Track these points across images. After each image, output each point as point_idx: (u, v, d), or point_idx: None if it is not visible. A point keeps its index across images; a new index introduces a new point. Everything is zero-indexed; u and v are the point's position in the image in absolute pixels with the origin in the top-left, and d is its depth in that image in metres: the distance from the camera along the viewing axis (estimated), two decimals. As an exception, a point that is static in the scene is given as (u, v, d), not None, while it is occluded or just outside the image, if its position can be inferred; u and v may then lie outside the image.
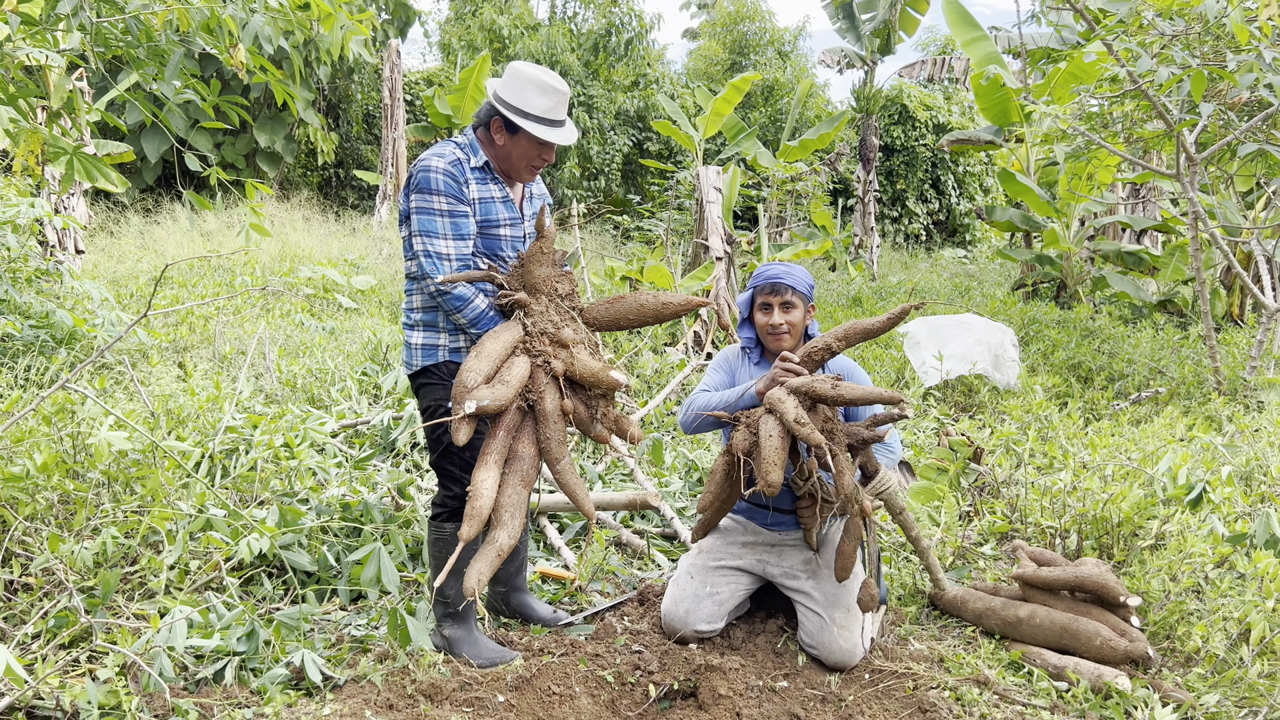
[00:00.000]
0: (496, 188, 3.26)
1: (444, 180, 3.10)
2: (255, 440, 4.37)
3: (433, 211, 3.10)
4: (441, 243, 3.11)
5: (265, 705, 2.81)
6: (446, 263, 3.10)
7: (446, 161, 3.13)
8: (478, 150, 3.24)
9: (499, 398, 2.85)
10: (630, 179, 21.62)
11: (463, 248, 3.15)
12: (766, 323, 3.49)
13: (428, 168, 3.11)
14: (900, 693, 3.17)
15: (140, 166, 15.64)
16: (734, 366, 3.65)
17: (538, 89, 3.15)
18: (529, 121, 3.14)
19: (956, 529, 4.35)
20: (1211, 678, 3.19)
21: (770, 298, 3.45)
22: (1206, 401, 6.89)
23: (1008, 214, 12.20)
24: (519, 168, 3.25)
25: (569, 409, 3.04)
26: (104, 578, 3.16)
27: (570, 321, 3.16)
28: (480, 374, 2.88)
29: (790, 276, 3.46)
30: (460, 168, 3.15)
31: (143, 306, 7.84)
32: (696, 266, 9.49)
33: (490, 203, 3.23)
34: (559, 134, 3.21)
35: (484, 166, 3.23)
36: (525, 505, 2.94)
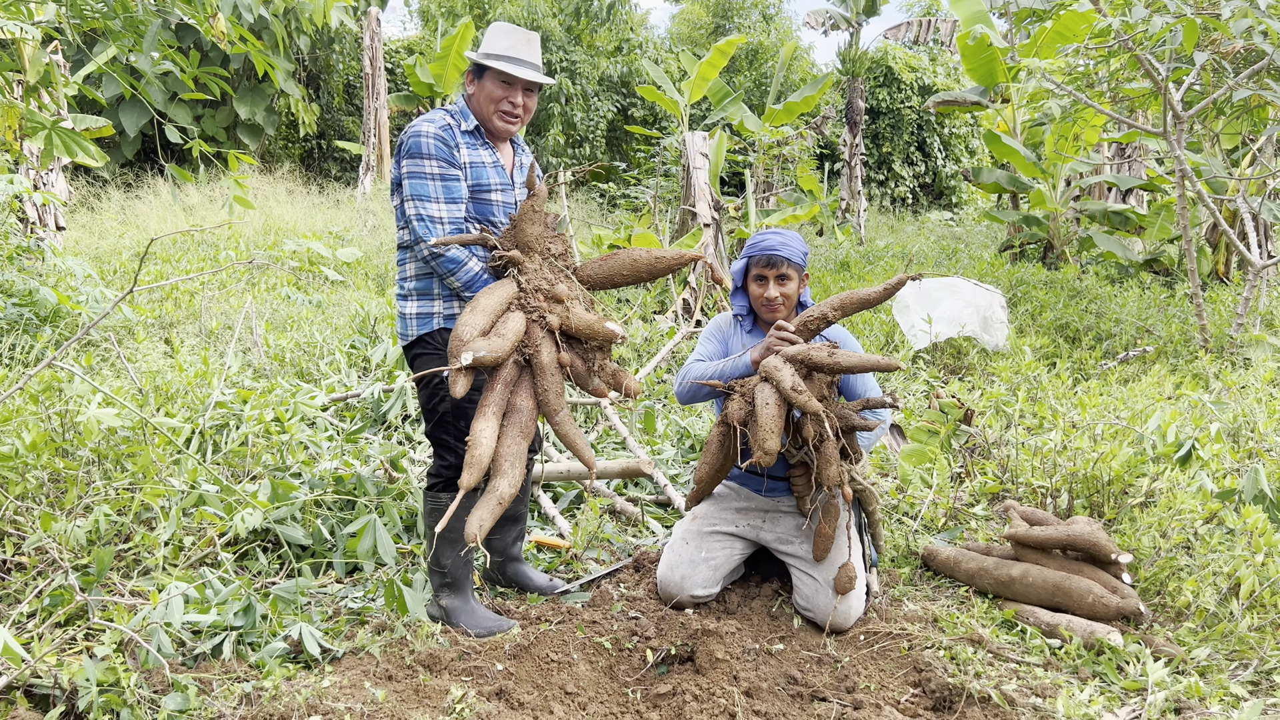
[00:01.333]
0: (487, 153, 3.24)
1: (435, 144, 3.09)
2: (245, 415, 4.35)
3: (424, 176, 3.08)
4: (434, 206, 3.09)
5: (264, 679, 2.81)
6: (439, 225, 3.09)
7: (437, 126, 3.12)
8: (468, 115, 3.24)
9: (495, 349, 2.84)
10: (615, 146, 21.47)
11: (455, 211, 3.13)
12: (761, 295, 3.46)
13: (418, 133, 3.10)
14: (896, 653, 3.20)
15: (119, 141, 15.45)
16: (727, 335, 3.63)
17: (501, 31, 3.20)
18: (490, 59, 3.15)
19: (948, 490, 4.38)
20: (1202, 632, 3.22)
21: (766, 270, 3.43)
22: (1193, 359, 6.93)
23: (994, 175, 12.18)
24: (489, 115, 3.22)
25: (565, 361, 3.04)
26: (98, 555, 3.15)
27: (564, 278, 3.15)
28: (476, 328, 2.87)
29: (786, 248, 3.42)
30: (451, 132, 3.14)
31: (126, 283, 7.77)
32: (684, 234, 9.46)
33: (481, 167, 3.21)
34: (522, 69, 3.18)
35: (475, 131, 3.22)
36: (524, 456, 2.93)
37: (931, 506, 4.22)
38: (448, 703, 2.79)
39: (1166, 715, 2.79)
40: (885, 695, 2.97)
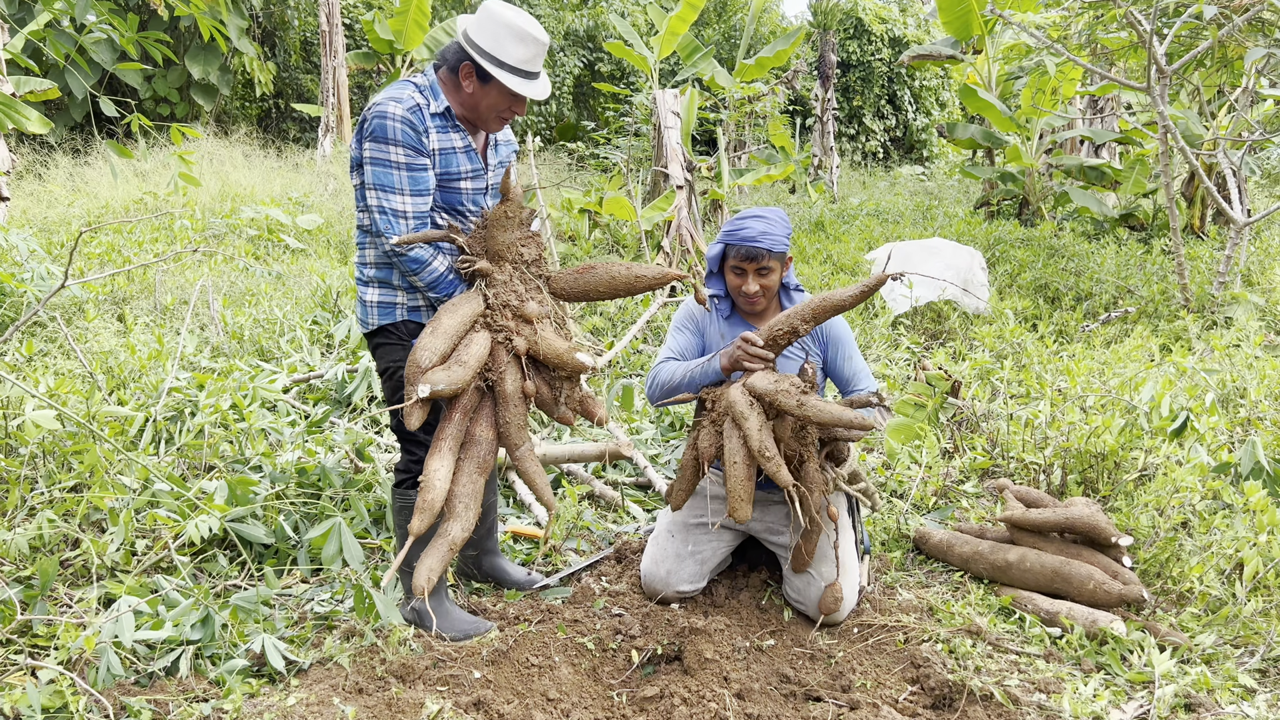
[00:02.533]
0: (458, 136, 2.96)
1: (402, 129, 2.80)
2: (201, 404, 4.11)
3: (389, 164, 2.81)
4: (398, 198, 2.83)
5: (225, 698, 2.63)
6: (403, 221, 2.83)
7: (405, 108, 2.82)
8: (439, 94, 2.92)
9: (454, 380, 2.63)
10: (582, 103, 21.05)
11: (421, 204, 2.87)
12: (739, 287, 3.21)
13: (383, 114, 2.80)
14: (891, 646, 3.07)
15: (67, 103, 14.88)
16: (701, 324, 3.39)
17: (516, 37, 2.83)
18: (504, 72, 2.84)
19: (938, 467, 4.24)
20: (1206, 616, 3.12)
21: (745, 263, 3.16)
22: (1175, 319, 6.84)
23: (969, 131, 11.99)
24: (487, 118, 2.95)
25: (531, 391, 2.83)
26: (42, 565, 2.94)
27: (536, 293, 2.92)
28: (436, 352, 2.66)
29: (769, 238, 3.12)
30: (419, 114, 2.84)
31: (75, 256, 7.43)
32: (656, 196, 9.22)
33: (451, 154, 2.93)
34: (534, 87, 2.92)
35: (445, 113, 2.92)
36: (480, 494, 2.75)
37: (921, 485, 4.08)
38: (423, 718, 2.62)
39: (1177, 711, 2.68)
40: (882, 693, 2.85)
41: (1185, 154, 6.99)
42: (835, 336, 3.32)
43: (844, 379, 3.35)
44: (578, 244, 8.84)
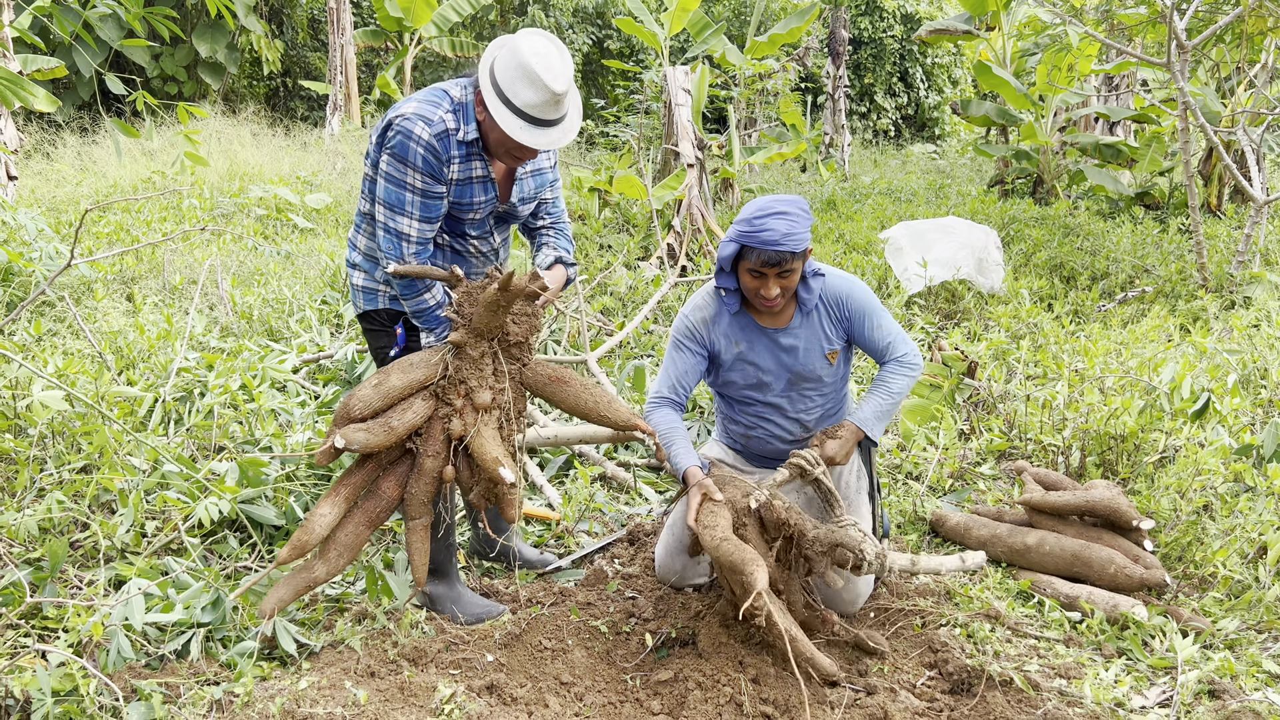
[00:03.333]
0: (479, 164, 2.80)
1: (424, 155, 2.67)
2: (211, 383, 4.08)
3: (403, 185, 2.69)
4: (405, 221, 2.73)
5: (236, 681, 2.60)
6: (406, 244, 2.75)
7: (432, 133, 2.66)
8: (470, 117, 2.74)
9: (371, 444, 2.58)
10: (592, 81, 20.89)
11: (427, 230, 2.77)
12: (757, 290, 2.89)
13: (409, 133, 2.65)
14: (909, 631, 3.03)
15: (75, 82, 14.81)
16: (706, 335, 3.07)
17: (527, 80, 2.59)
18: (507, 114, 2.63)
19: (955, 449, 4.19)
20: (1228, 601, 3.07)
21: (766, 269, 2.82)
22: (1193, 299, 6.76)
23: (983, 108, 11.84)
24: (496, 152, 2.78)
25: (449, 477, 2.73)
26: (51, 547, 2.91)
27: (498, 380, 2.75)
28: (369, 408, 2.61)
29: (792, 239, 2.75)
30: (446, 141, 2.69)
31: (84, 236, 7.40)
32: (667, 174, 9.13)
33: (469, 185, 2.81)
34: (542, 135, 2.67)
35: (473, 141, 2.76)
36: (359, 548, 2.70)
37: (938, 467, 4.03)
38: (435, 702, 2.59)
39: (1200, 698, 2.64)
40: (900, 678, 2.81)
41: (1204, 131, 6.88)
42: (858, 310, 3.04)
43: (878, 349, 3.07)
44: (587, 223, 8.77)
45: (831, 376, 3.12)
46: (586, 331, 5.33)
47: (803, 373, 3.06)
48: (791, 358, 3.04)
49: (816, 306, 3.02)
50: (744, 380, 3.11)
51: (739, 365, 3.08)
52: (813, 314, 3.02)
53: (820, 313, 3.03)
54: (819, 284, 3.01)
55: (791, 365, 3.05)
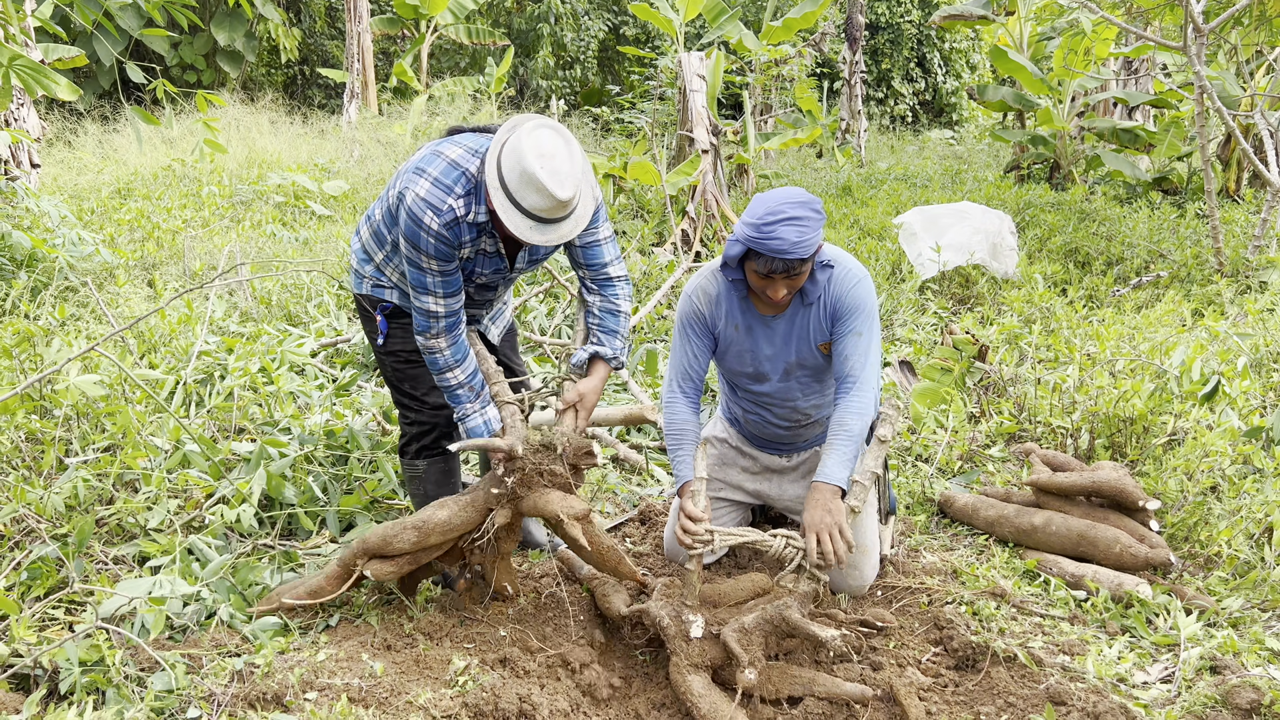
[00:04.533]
0: (489, 242, 2.85)
1: (435, 245, 2.70)
2: (231, 366, 4.16)
3: (422, 269, 2.75)
4: (432, 300, 2.80)
5: (256, 653, 2.68)
6: (435, 321, 2.82)
7: (441, 223, 2.66)
8: (483, 198, 2.72)
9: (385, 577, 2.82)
10: (607, 67, 20.90)
11: (454, 304, 2.83)
12: (764, 289, 2.83)
13: (418, 222, 2.66)
14: (915, 609, 3.08)
15: (95, 71, 14.95)
16: (711, 320, 3.04)
17: (533, 188, 2.55)
18: (515, 215, 2.61)
19: (965, 431, 4.22)
20: (1233, 580, 3.10)
21: (774, 274, 2.75)
22: (1208, 283, 6.74)
23: (1000, 93, 11.80)
24: (503, 229, 2.75)
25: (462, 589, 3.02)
26: (78, 524, 2.99)
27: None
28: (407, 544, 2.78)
29: (803, 246, 2.65)
30: (456, 229, 2.71)
31: (105, 223, 7.50)
32: (682, 160, 9.16)
33: (479, 258, 2.87)
34: (550, 233, 2.66)
35: (484, 222, 2.76)
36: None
37: (947, 449, 4.07)
38: (450, 674, 2.66)
39: (1202, 673, 2.67)
40: (906, 654, 2.86)
41: (1222, 115, 6.85)
42: (848, 308, 2.91)
43: (840, 358, 2.93)
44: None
45: (827, 370, 3.07)
46: (600, 316, 5.38)
47: (798, 361, 3.03)
48: (786, 346, 3.02)
49: (817, 300, 2.94)
50: (740, 366, 3.10)
51: (736, 349, 3.07)
52: (814, 306, 2.95)
53: (821, 305, 2.95)
54: (825, 276, 2.92)
55: (786, 354, 3.02)
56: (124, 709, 2.39)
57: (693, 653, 2.66)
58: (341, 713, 2.36)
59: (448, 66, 19.22)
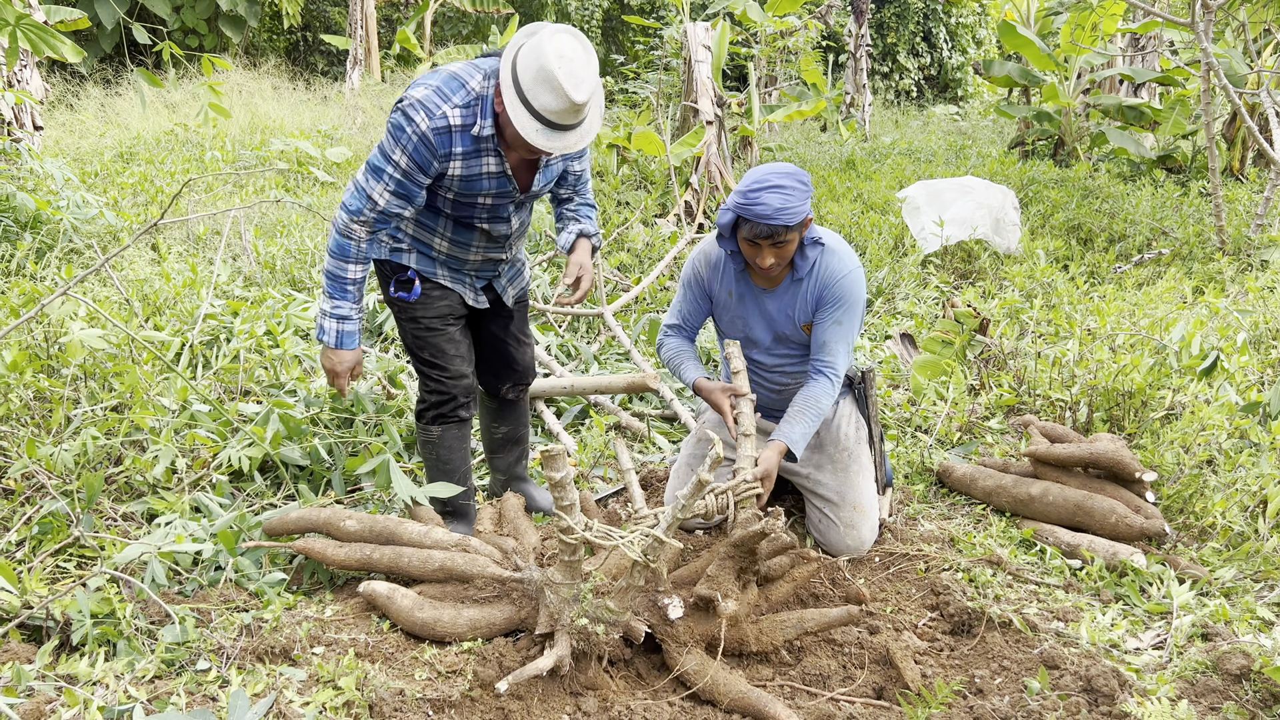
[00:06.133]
0: (494, 160, 2.77)
1: (416, 145, 2.65)
2: (236, 329, 4.18)
3: (389, 159, 2.69)
4: (379, 189, 2.73)
5: (264, 609, 2.72)
6: (369, 209, 2.74)
7: (430, 126, 2.63)
8: (487, 112, 2.69)
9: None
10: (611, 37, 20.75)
11: (395, 206, 2.76)
12: (754, 257, 2.96)
13: (408, 119, 2.64)
14: (912, 575, 3.12)
15: (97, 34, 14.85)
16: (708, 284, 3.21)
17: (548, 86, 2.53)
18: (525, 117, 2.57)
19: (964, 403, 4.26)
20: (1227, 552, 3.14)
21: (760, 240, 2.88)
22: (1209, 261, 6.76)
23: (1005, 68, 11.74)
24: (514, 144, 2.71)
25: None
26: (87, 480, 3.03)
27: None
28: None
29: (786, 213, 2.79)
30: (446, 138, 2.66)
31: (108, 185, 7.50)
32: (686, 131, 9.14)
33: (477, 180, 2.79)
34: (559, 140, 2.63)
35: (489, 137, 2.71)
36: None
37: (946, 421, 4.10)
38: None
39: (1194, 640, 2.72)
40: (903, 619, 2.90)
41: (1228, 93, 6.84)
42: (832, 297, 3.06)
43: (819, 343, 3.11)
44: (605, 179, 8.80)
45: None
46: (603, 286, 5.40)
47: (785, 334, 3.19)
48: (775, 320, 3.17)
49: (807, 276, 3.06)
50: (732, 332, 3.26)
51: (729, 315, 3.23)
52: (803, 282, 3.07)
53: (808, 284, 3.07)
54: (815, 253, 3.04)
55: (773, 326, 3.18)
56: (134, 660, 2.43)
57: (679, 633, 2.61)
58: (348, 666, 2.41)
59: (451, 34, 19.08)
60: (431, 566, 2.80)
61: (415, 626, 2.64)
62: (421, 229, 2.97)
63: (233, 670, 2.39)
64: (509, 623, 2.67)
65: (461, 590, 2.78)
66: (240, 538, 2.98)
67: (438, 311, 3.05)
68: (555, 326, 5.36)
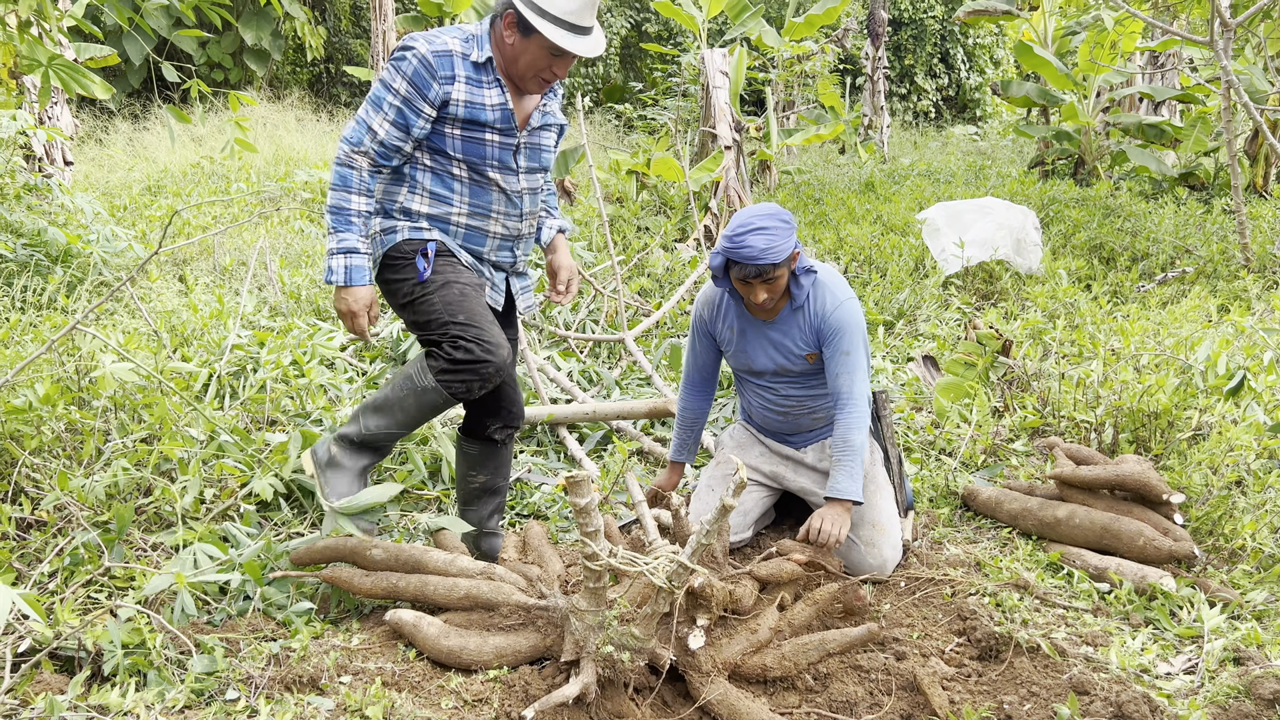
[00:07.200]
0: (495, 92, 2.81)
1: (416, 67, 2.70)
2: (263, 359, 4.23)
3: (389, 88, 2.73)
4: (379, 119, 2.74)
5: (292, 638, 2.74)
6: (370, 139, 2.74)
7: (431, 49, 2.71)
8: (484, 44, 2.78)
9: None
10: (630, 64, 20.93)
11: (395, 137, 2.76)
12: (747, 295, 3.13)
13: (409, 47, 2.72)
14: (938, 600, 3.10)
15: (125, 69, 15.14)
16: (711, 327, 3.39)
17: None
18: (546, 22, 2.66)
19: (988, 426, 4.24)
20: (1258, 574, 3.11)
21: (750, 279, 3.04)
22: (1234, 279, 6.71)
23: (1024, 89, 11.74)
24: (525, 77, 2.79)
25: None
26: (118, 511, 3.07)
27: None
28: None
29: (772, 252, 2.94)
30: (447, 61, 2.73)
31: (137, 219, 7.62)
32: (704, 156, 9.19)
33: (480, 109, 2.79)
34: (582, 43, 2.72)
35: (486, 64, 2.78)
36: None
37: (970, 443, 4.09)
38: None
39: (1225, 665, 2.69)
40: (929, 644, 2.89)
41: (1249, 110, 6.81)
42: (833, 328, 3.17)
43: (833, 376, 3.20)
44: (625, 205, 8.86)
45: (815, 373, 3.32)
46: (624, 311, 5.43)
47: (786, 366, 3.30)
48: (777, 351, 3.28)
49: (805, 304, 3.20)
50: (739, 365, 3.43)
51: (733, 350, 3.38)
52: (801, 311, 3.20)
53: (806, 313, 3.21)
54: (810, 281, 3.19)
55: (776, 358, 3.30)
56: (165, 690, 2.45)
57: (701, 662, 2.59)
58: (375, 695, 2.42)
59: (471, 64, 19.30)
60: (457, 594, 2.81)
61: (441, 655, 2.65)
62: (438, 202, 2.89)
63: (261, 700, 2.41)
64: (534, 650, 2.67)
65: (487, 618, 2.79)
66: (267, 567, 3.01)
67: (469, 280, 2.92)
68: (576, 352, 5.39)
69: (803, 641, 2.69)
